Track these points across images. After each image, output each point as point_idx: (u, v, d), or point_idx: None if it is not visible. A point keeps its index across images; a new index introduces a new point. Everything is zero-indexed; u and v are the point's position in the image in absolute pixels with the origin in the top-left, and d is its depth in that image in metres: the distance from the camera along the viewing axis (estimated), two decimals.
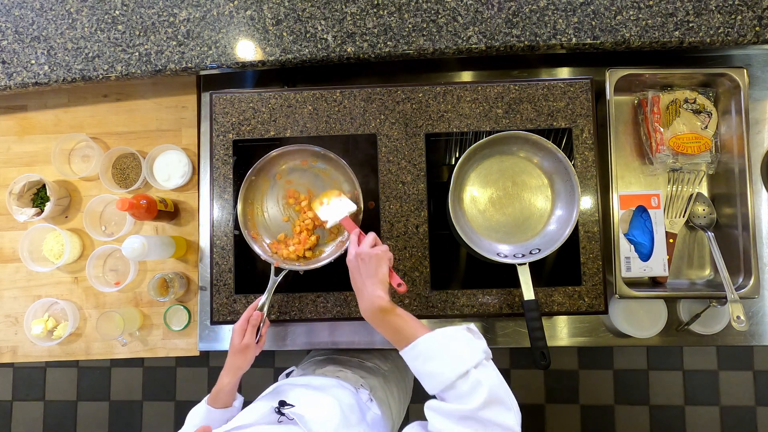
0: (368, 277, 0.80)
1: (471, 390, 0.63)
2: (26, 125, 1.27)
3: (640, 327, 1.05)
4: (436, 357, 0.68)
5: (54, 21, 1.13)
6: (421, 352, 0.70)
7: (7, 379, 2.33)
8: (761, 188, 1.09)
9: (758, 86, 1.12)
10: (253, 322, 0.93)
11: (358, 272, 0.81)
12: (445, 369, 0.66)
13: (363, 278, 0.80)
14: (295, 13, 1.08)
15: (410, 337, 0.72)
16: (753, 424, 2.09)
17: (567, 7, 1.04)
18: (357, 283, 0.82)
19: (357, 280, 0.81)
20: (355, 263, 0.82)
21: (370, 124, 1.05)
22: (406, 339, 0.72)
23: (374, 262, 0.80)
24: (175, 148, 1.19)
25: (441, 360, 0.67)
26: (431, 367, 0.67)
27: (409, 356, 0.71)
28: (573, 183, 0.95)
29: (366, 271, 0.80)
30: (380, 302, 0.77)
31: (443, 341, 0.69)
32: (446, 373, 0.65)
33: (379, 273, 0.80)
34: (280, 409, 0.76)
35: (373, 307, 0.77)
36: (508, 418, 0.61)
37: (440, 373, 0.66)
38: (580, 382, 2.13)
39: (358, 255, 0.81)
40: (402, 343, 0.73)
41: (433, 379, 0.67)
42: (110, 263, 1.23)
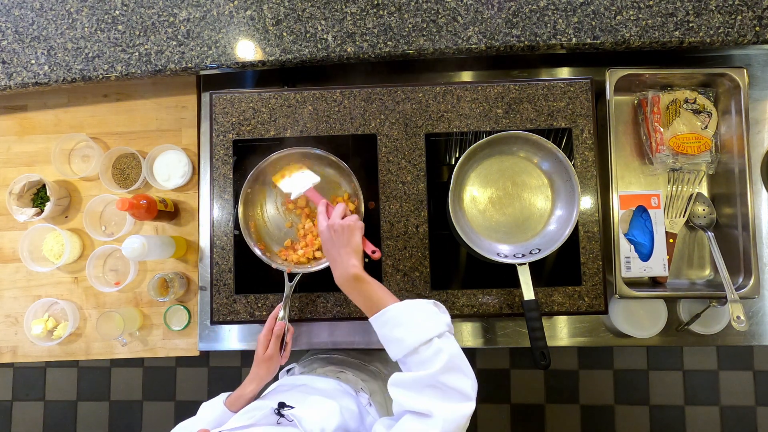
0: (342, 246, 0.82)
1: (432, 356, 0.67)
2: (26, 125, 1.27)
3: (640, 327, 1.05)
4: (403, 324, 0.72)
5: (54, 21, 1.13)
6: (389, 319, 0.74)
7: (7, 379, 2.33)
8: (761, 188, 1.09)
9: (758, 86, 1.12)
10: (277, 333, 0.93)
11: (331, 243, 0.84)
12: (411, 335, 0.70)
13: (337, 248, 0.83)
14: (295, 13, 1.08)
15: (380, 304, 0.76)
16: (753, 424, 2.09)
17: (567, 7, 1.04)
18: (331, 253, 0.84)
19: (331, 250, 0.84)
20: (327, 234, 0.84)
21: (370, 124, 1.05)
22: (376, 306, 0.76)
23: (347, 233, 0.83)
24: (175, 148, 1.19)
25: (407, 327, 0.71)
26: (398, 333, 0.71)
27: (378, 322, 0.75)
28: (573, 183, 0.95)
29: (339, 241, 0.83)
30: (354, 270, 0.80)
31: (410, 310, 0.74)
32: (410, 339, 0.69)
33: (353, 242, 0.83)
34: (279, 410, 0.76)
35: (347, 275, 0.80)
36: (465, 384, 0.66)
37: (405, 339, 0.70)
38: (580, 382, 2.13)
39: (331, 227, 0.84)
40: (372, 310, 0.77)
41: (399, 344, 0.71)
42: (110, 263, 1.24)
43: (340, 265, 0.82)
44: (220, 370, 2.25)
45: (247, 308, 1.03)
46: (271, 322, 0.95)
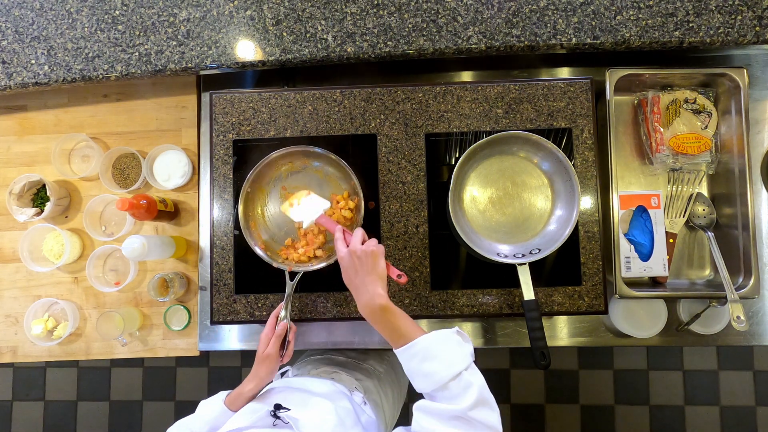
0: (367, 274, 0.79)
1: (462, 391, 0.66)
2: (26, 125, 1.27)
3: (640, 327, 1.05)
4: (431, 358, 0.69)
5: (54, 21, 1.13)
6: (417, 352, 0.71)
7: (7, 379, 2.33)
8: (761, 188, 1.09)
9: (758, 86, 1.12)
10: (279, 333, 0.90)
11: (354, 270, 0.80)
12: (440, 370, 0.67)
13: (361, 276, 0.79)
14: (295, 13, 1.08)
15: (407, 336, 0.73)
16: (753, 424, 2.09)
17: (567, 7, 1.04)
18: (354, 281, 0.80)
19: (354, 278, 0.80)
20: (349, 261, 0.80)
21: (370, 124, 1.05)
22: (403, 338, 0.74)
23: (371, 259, 0.80)
24: (175, 148, 1.19)
25: (436, 361, 0.69)
26: (427, 367, 0.69)
27: (406, 355, 0.73)
28: (573, 183, 0.95)
29: (363, 268, 0.79)
30: (381, 300, 0.76)
31: (438, 343, 0.71)
32: (441, 374, 0.67)
33: (378, 269, 0.80)
34: (275, 412, 0.75)
35: (373, 305, 0.77)
36: (493, 418, 0.65)
37: (435, 373, 0.68)
38: (580, 382, 2.13)
39: (353, 253, 0.80)
40: (399, 341, 0.74)
41: (427, 378, 0.68)
42: (110, 263, 1.23)
43: (365, 294, 0.78)
44: (220, 370, 2.25)
45: (247, 308, 1.03)
46: (273, 320, 0.94)
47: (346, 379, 1.02)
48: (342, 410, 0.83)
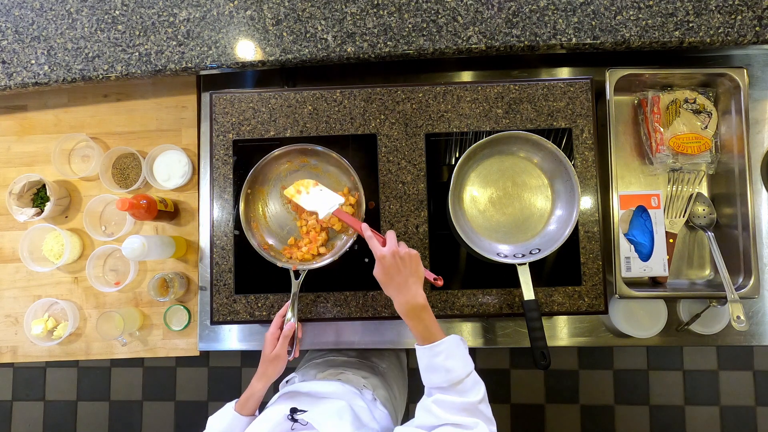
0: (410, 275, 0.84)
1: (472, 386, 0.76)
2: (26, 125, 1.27)
3: (640, 327, 1.05)
4: (453, 356, 0.78)
5: (54, 21, 1.13)
6: (443, 350, 0.78)
7: (7, 379, 2.33)
8: (761, 188, 1.09)
9: (758, 86, 1.12)
10: (286, 333, 0.92)
11: (397, 270, 0.84)
12: (459, 367, 0.77)
13: (404, 276, 0.84)
14: (295, 13, 1.08)
15: (436, 335, 0.80)
16: (753, 424, 2.09)
17: (567, 7, 1.04)
18: (396, 280, 0.84)
19: (396, 277, 0.84)
20: (392, 261, 0.84)
21: (370, 124, 1.05)
22: (433, 336, 0.80)
23: (414, 261, 0.85)
24: (175, 148, 1.19)
25: (457, 359, 0.78)
26: (450, 364, 0.77)
27: (434, 351, 0.79)
28: (573, 183, 0.95)
29: (407, 269, 0.84)
30: (422, 300, 0.82)
31: (458, 344, 0.80)
32: (459, 371, 0.76)
33: (420, 271, 0.85)
34: (292, 416, 0.78)
35: (416, 304, 0.82)
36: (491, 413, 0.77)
37: (455, 369, 0.76)
38: (580, 382, 2.13)
39: (396, 254, 0.84)
40: (429, 339, 0.80)
41: (448, 374, 0.76)
42: (110, 263, 1.23)
43: (407, 293, 0.82)
44: (220, 370, 2.25)
45: (247, 308, 1.03)
46: (279, 320, 0.94)
47: (352, 378, 1.02)
48: (357, 407, 0.86)
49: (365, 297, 1.02)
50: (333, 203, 0.98)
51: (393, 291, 0.84)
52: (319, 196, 0.99)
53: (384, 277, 0.85)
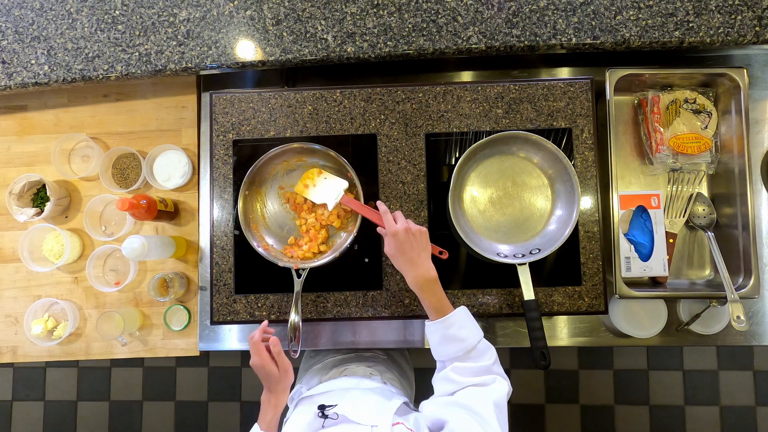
0: (422, 249, 0.88)
1: (485, 350, 0.82)
2: (26, 125, 1.27)
3: (640, 327, 1.05)
4: (466, 326, 0.83)
5: (54, 21, 1.13)
6: (456, 321, 0.83)
7: (7, 379, 2.33)
8: (761, 188, 1.09)
9: (758, 86, 1.12)
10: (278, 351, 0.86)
11: (410, 245, 0.87)
12: (472, 335, 0.82)
13: (417, 251, 0.87)
14: (295, 13, 1.08)
15: (447, 307, 0.85)
16: (753, 424, 2.09)
17: (567, 7, 1.04)
18: (410, 254, 0.87)
19: (410, 252, 0.87)
20: (405, 236, 0.87)
21: (370, 124, 1.05)
22: (445, 308, 0.85)
23: (424, 237, 0.89)
24: (175, 148, 1.19)
25: (468, 328, 0.83)
26: (464, 333, 0.82)
27: (448, 322, 0.83)
28: (573, 183, 0.95)
29: (418, 244, 0.88)
30: (434, 273, 0.87)
31: (467, 315, 0.85)
32: (472, 339, 0.81)
33: (429, 246, 0.89)
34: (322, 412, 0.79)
35: (429, 277, 0.86)
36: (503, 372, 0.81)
37: (468, 337, 0.81)
38: (580, 382, 2.13)
39: (408, 230, 0.87)
40: (441, 311, 0.84)
41: (463, 342, 0.81)
42: (110, 263, 1.23)
43: (420, 267, 0.86)
44: (220, 370, 2.25)
45: (247, 308, 1.03)
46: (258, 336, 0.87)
47: (357, 370, 1.04)
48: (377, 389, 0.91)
49: (365, 297, 1.02)
50: (339, 189, 0.99)
51: (406, 266, 0.87)
52: (324, 185, 1.00)
53: (397, 252, 0.88)
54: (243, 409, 2.21)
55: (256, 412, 0.86)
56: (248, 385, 2.23)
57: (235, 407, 2.23)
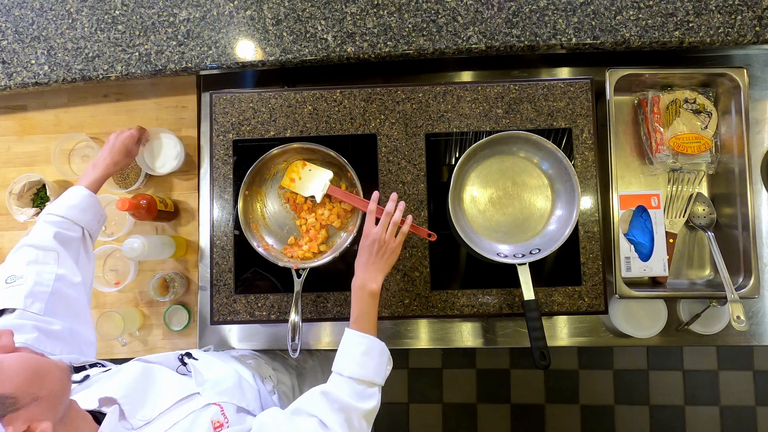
0: (381, 260, 0.86)
1: (368, 397, 0.76)
2: (26, 125, 1.27)
3: (640, 327, 1.05)
4: (371, 357, 0.80)
5: (54, 21, 1.13)
6: (366, 344, 0.81)
7: None
8: (761, 188, 1.09)
9: (758, 86, 1.12)
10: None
11: (370, 253, 0.86)
12: (371, 371, 0.78)
13: (373, 259, 0.86)
14: (295, 13, 1.08)
15: (369, 328, 0.83)
16: (753, 424, 2.09)
17: (567, 7, 1.04)
18: (364, 258, 0.87)
19: (368, 257, 0.86)
20: (369, 244, 0.86)
21: (370, 124, 1.05)
22: (366, 325, 0.83)
23: (393, 256, 0.87)
24: (164, 130, 1.18)
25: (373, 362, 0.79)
26: (365, 360, 0.78)
27: (358, 338, 0.81)
28: (573, 183, 0.95)
29: (378, 258, 0.86)
30: (375, 287, 0.85)
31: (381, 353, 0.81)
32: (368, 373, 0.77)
33: (387, 265, 0.87)
34: (183, 358, 0.80)
35: (367, 287, 0.84)
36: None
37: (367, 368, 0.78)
38: (580, 382, 2.13)
39: (382, 240, 0.86)
40: (362, 326, 0.83)
41: (359, 367, 0.77)
42: (110, 263, 1.23)
43: (367, 274, 0.85)
44: None
45: (247, 308, 1.03)
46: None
47: (262, 366, 1.04)
48: (246, 383, 0.87)
49: None
50: (324, 180, 1.00)
51: (359, 265, 0.87)
52: (310, 176, 1.01)
53: (360, 249, 0.88)
54: None
55: None
56: None
57: None
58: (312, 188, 1.00)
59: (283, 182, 1.02)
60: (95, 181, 1.00)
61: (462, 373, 2.12)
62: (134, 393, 0.67)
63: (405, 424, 2.11)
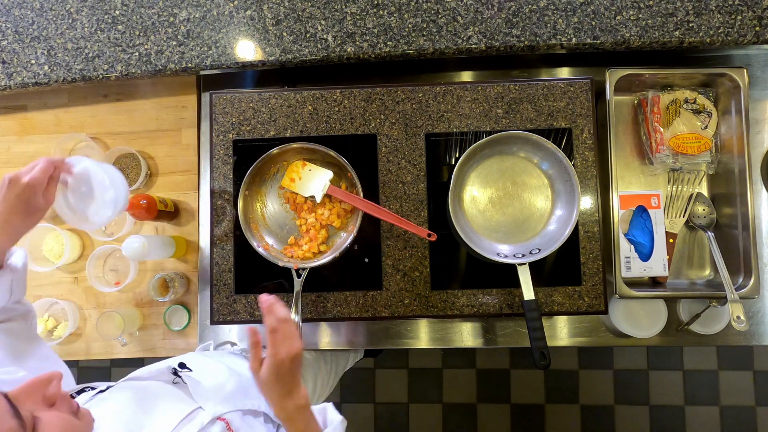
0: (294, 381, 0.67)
1: None
2: (26, 125, 1.27)
3: (640, 327, 1.05)
4: None
5: (54, 21, 1.13)
6: None
7: None
8: (761, 188, 1.09)
9: (758, 86, 1.12)
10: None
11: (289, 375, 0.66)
12: None
13: (288, 383, 0.67)
14: (295, 13, 1.08)
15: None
16: (753, 424, 2.09)
17: (567, 7, 1.04)
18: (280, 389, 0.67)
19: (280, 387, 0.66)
20: (270, 376, 0.66)
21: (370, 124, 1.05)
22: None
23: (291, 376, 0.67)
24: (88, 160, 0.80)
25: None
26: None
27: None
28: (573, 183, 0.95)
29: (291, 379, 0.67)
30: (306, 399, 0.68)
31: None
32: None
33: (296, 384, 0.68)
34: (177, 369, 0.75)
35: (302, 404, 0.67)
36: None
37: None
38: (580, 382, 2.13)
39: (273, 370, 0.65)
40: None
41: None
42: (110, 263, 1.24)
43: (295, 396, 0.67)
44: None
45: (247, 308, 1.03)
46: None
47: None
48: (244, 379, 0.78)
49: (365, 297, 1.02)
50: (324, 180, 0.99)
51: (275, 397, 0.67)
52: (310, 176, 1.01)
53: (264, 387, 0.67)
54: None
55: None
56: None
57: None
58: (312, 188, 1.00)
59: (283, 182, 1.02)
60: None
61: (462, 373, 2.12)
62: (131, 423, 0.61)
63: (405, 424, 2.11)
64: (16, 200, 0.71)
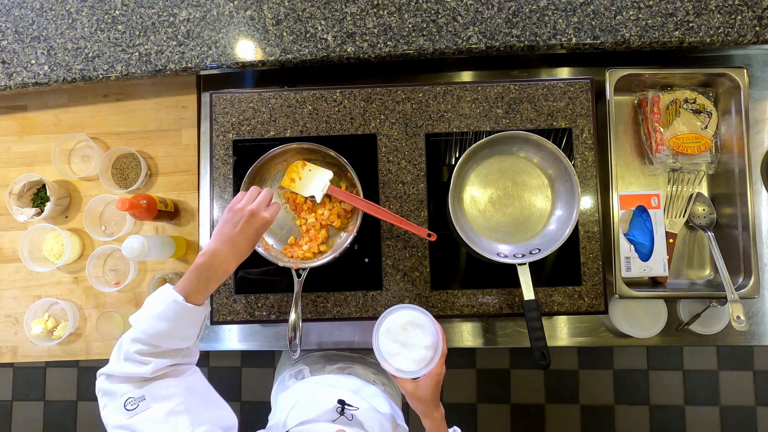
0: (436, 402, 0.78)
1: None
2: (26, 125, 1.27)
3: (640, 327, 1.05)
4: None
5: (54, 21, 1.13)
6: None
7: (7, 379, 2.33)
8: (761, 188, 1.09)
9: (758, 86, 1.12)
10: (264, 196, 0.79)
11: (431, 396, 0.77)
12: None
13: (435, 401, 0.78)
14: (295, 13, 1.08)
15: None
16: (753, 424, 2.09)
17: (567, 7, 1.04)
18: (436, 393, 0.77)
19: (436, 391, 0.77)
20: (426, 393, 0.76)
21: (370, 124, 1.05)
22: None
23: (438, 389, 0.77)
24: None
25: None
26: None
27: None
28: (573, 183, 0.95)
29: (435, 398, 0.77)
30: (443, 411, 0.80)
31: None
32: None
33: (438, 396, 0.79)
34: (342, 408, 0.81)
35: (441, 416, 0.79)
36: None
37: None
38: (580, 382, 2.13)
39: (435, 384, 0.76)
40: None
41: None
42: (110, 263, 1.23)
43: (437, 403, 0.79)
44: (220, 370, 2.25)
45: (247, 308, 1.03)
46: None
47: (362, 373, 1.04)
48: (380, 397, 0.91)
49: (365, 297, 1.02)
50: (324, 180, 0.99)
51: (428, 409, 0.77)
52: (310, 176, 1.01)
53: (427, 392, 0.76)
54: (243, 409, 2.21)
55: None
56: (248, 385, 2.23)
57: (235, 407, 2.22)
58: (312, 188, 1.00)
59: (283, 182, 1.02)
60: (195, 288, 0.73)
61: (462, 373, 2.13)
62: None
63: None
64: (255, 233, 0.77)
